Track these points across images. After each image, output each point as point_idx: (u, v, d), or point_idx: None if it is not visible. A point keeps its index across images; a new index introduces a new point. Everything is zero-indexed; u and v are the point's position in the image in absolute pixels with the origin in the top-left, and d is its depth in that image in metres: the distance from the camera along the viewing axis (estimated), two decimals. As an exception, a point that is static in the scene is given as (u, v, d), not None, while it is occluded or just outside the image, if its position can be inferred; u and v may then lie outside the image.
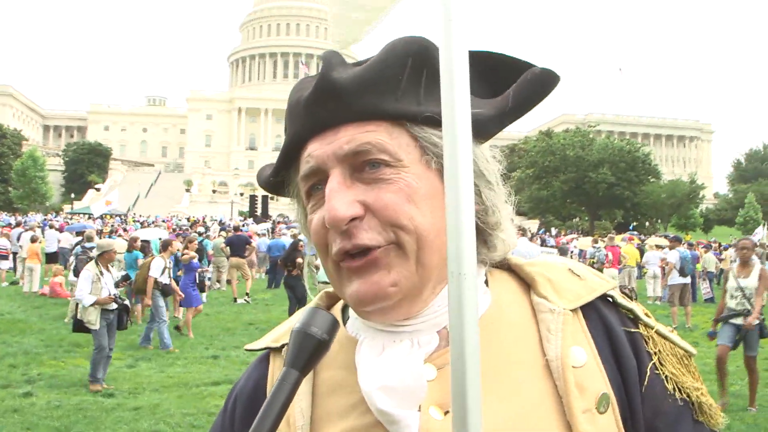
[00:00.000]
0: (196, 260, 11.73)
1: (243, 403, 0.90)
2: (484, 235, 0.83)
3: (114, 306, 7.81)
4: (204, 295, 13.84)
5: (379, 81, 0.78)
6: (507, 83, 0.82)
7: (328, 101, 0.78)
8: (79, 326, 7.83)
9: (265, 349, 0.92)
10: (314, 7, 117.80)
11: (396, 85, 0.78)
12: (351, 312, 0.86)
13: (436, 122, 0.72)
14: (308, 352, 0.65)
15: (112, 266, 8.29)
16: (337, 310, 0.92)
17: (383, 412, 0.74)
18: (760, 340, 7.16)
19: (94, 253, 8.15)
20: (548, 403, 0.75)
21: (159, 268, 10.24)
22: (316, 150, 0.79)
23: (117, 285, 8.16)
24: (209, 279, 15.86)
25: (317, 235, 0.80)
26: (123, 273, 10.15)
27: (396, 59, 0.78)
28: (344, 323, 0.88)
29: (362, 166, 0.77)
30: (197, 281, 11.49)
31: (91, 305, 7.56)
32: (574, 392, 0.74)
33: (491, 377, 0.74)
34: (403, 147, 0.78)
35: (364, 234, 0.75)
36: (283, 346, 0.88)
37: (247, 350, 0.95)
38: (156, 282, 10.13)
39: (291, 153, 0.84)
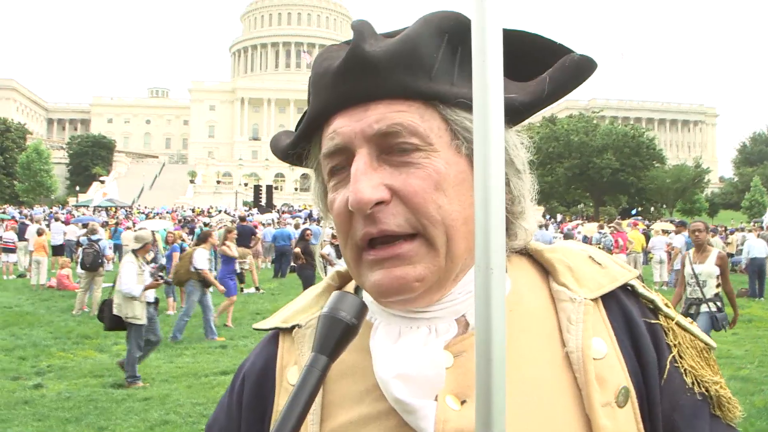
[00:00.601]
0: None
1: (251, 382, 0.87)
2: (506, 223, 0.78)
3: (152, 299, 7.73)
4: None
5: (413, 57, 0.72)
6: (540, 66, 0.78)
7: (359, 75, 0.73)
8: (114, 323, 7.47)
9: (273, 329, 0.89)
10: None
11: (431, 63, 0.73)
12: (364, 293, 0.83)
13: (467, 106, 0.68)
14: (336, 337, 0.63)
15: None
16: (349, 290, 0.89)
17: (400, 401, 0.71)
18: (711, 331, 6.53)
19: (133, 245, 7.95)
20: (566, 394, 0.73)
21: (204, 259, 10.05)
22: (343, 126, 0.75)
23: (153, 276, 8.06)
24: (242, 270, 15.94)
25: (340, 217, 0.76)
26: (158, 264, 9.98)
27: (431, 35, 0.74)
28: None
29: (391, 147, 0.73)
30: (236, 272, 11.34)
31: (138, 297, 7.34)
32: (594, 385, 0.72)
33: (509, 367, 0.70)
34: (434, 130, 0.74)
35: (391, 219, 0.72)
36: (293, 327, 0.86)
37: (255, 329, 0.93)
38: (198, 273, 9.92)
39: (314, 125, 0.80)
